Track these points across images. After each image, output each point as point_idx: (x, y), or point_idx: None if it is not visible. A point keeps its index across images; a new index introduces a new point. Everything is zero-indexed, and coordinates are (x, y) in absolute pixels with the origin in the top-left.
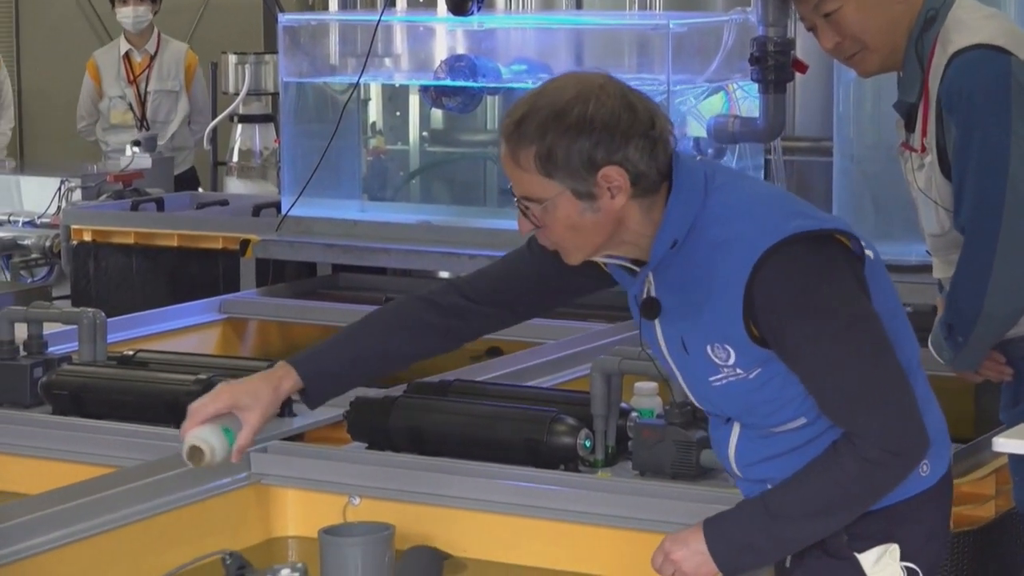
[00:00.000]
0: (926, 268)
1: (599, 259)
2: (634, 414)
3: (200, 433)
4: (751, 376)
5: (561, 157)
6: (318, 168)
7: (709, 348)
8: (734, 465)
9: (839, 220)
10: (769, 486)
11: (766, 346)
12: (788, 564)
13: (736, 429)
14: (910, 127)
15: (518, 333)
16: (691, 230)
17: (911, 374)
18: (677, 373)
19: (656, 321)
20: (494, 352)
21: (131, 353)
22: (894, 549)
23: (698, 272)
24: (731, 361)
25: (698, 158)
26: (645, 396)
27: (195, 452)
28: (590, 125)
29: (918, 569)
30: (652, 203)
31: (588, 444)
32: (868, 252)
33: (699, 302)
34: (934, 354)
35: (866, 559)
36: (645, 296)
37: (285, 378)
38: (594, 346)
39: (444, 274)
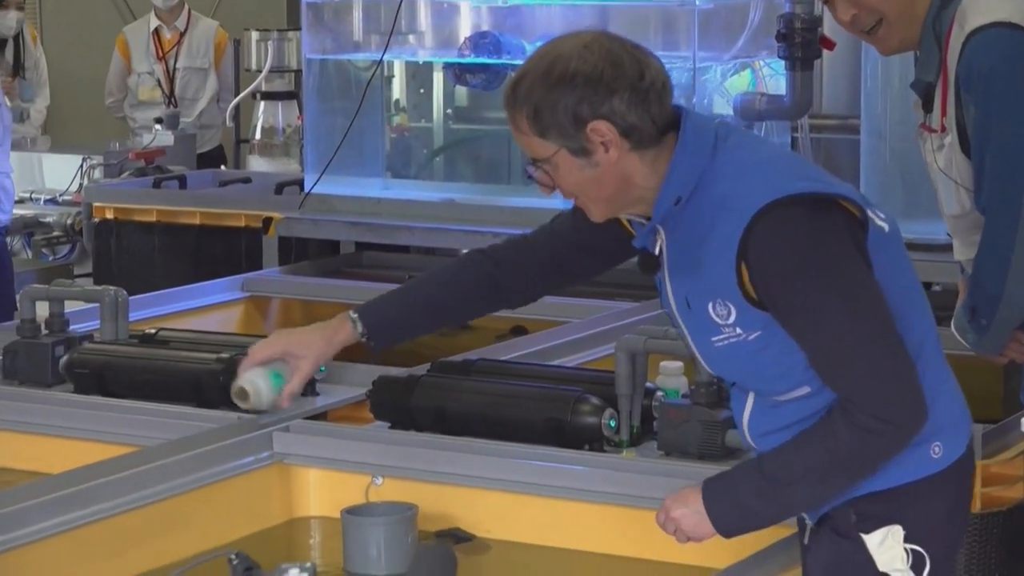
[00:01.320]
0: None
1: (624, 218)
2: (659, 393)
3: (250, 375)
4: (751, 338)
5: (548, 116)
6: (341, 146)
7: (711, 306)
8: (748, 436)
9: (848, 187)
10: None
11: (764, 308)
12: (807, 541)
13: (750, 399)
14: (928, 107)
15: (542, 312)
16: (697, 187)
17: (924, 353)
18: (686, 333)
19: (667, 279)
20: (518, 331)
21: (153, 331)
22: (896, 531)
23: (702, 229)
24: (731, 320)
25: (716, 120)
26: (671, 375)
27: (242, 392)
28: (572, 81)
29: (925, 553)
30: (656, 156)
31: (613, 424)
32: (882, 224)
33: (701, 259)
34: (958, 337)
35: (871, 540)
36: (651, 252)
37: (340, 329)
38: (619, 325)
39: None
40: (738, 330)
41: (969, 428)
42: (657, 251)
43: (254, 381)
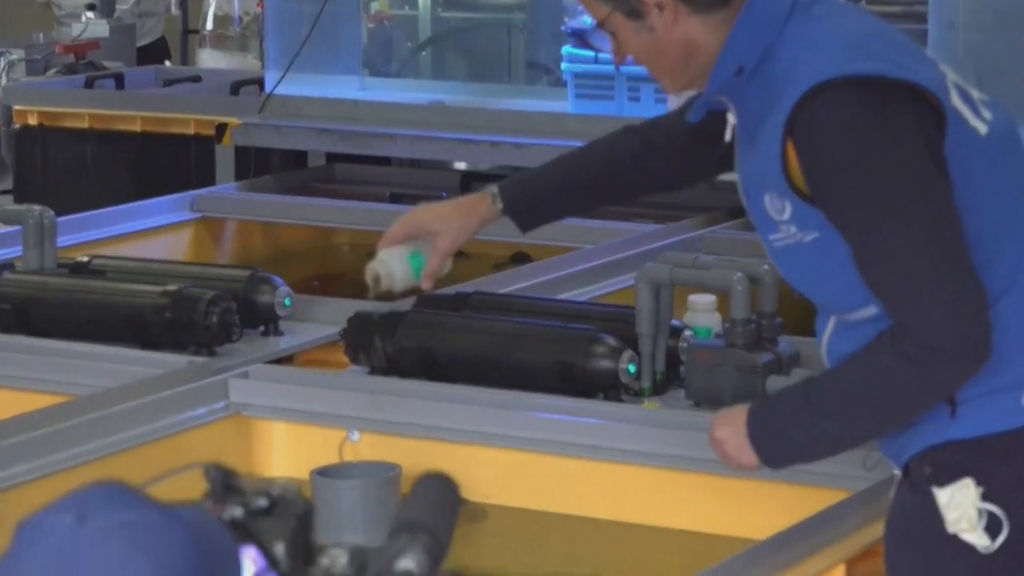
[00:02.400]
0: None
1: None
2: (687, 333)
3: (384, 256)
4: (807, 240)
5: None
6: (309, 37)
7: (767, 198)
8: (827, 361)
9: (934, 76)
10: None
11: (816, 205)
12: (892, 494)
13: (832, 320)
14: None
15: (548, 236)
16: (765, 58)
17: (1018, 277)
18: (756, 229)
19: (737, 162)
20: (520, 259)
21: (86, 259)
22: (966, 484)
23: (767, 105)
24: (786, 216)
25: None
26: (701, 311)
27: (375, 276)
28: None
29: (1004, 516)
30: (723, 21)
31: (632, 369)
32: (978, 125)
33: (761, 140)
34: None
35: (943, 496)
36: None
37: (480, 203)
38: (640, 251)
39: (460, 165)
40: (793, 229)
41: None
42: (728, 130)
43: (386, 262)
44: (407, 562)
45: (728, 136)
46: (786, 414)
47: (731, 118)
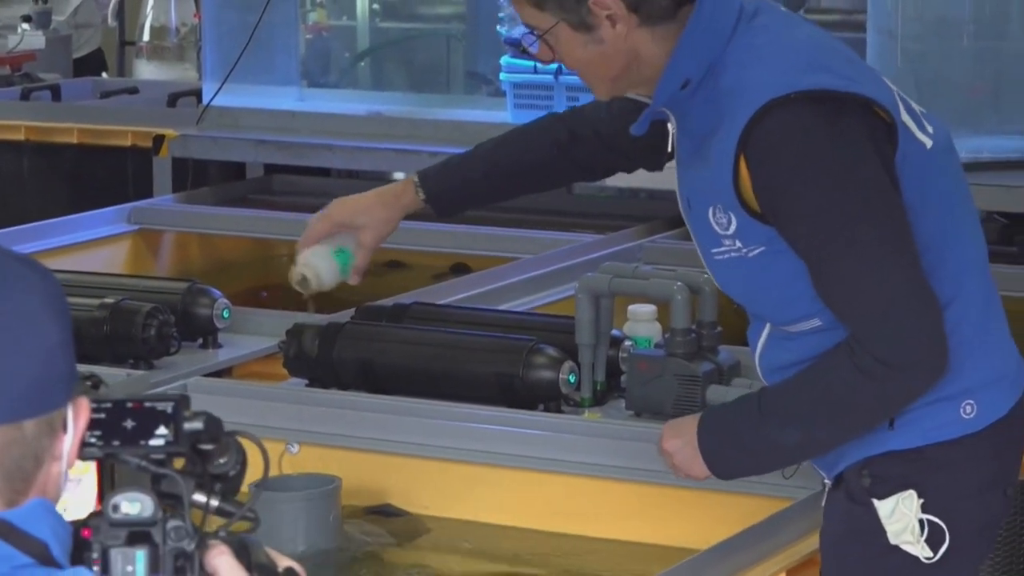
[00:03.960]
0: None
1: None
2: (628, 343)
3: (308, 257)
4: (751, 255)
5: None
6: (247, 48)
7: (711, 211)
8: (759, 369)
9: (881, 88)
10: None
11: (766, 221)
12: (823, 503)
13: (767, 329)
14: None
15: (487, 246)
16: (711, 71)
17: (964, 293)
18: (695, 242)
19: (677, 174)
20: (459, 269)
21: None
22: (908, 496)
23: (712, 120)
24: (731, 230)
25: None
26: (641, 321)
27: (302, 279)
28: None
29: (945, 527)
30: (670, 33)
31: (573, 379)
32: (924, 139)
33: (706, 155)
34: None
35: (884, 507)
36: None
37: (403, 193)
38: (580, 261)
39: (399, 175)
40: (738, 243)
41: (1017, 388)
42: (670, 140)
43: (311, 264)
44: None
45: (669, 147)
46: (738, 425)
47: (672, 128)
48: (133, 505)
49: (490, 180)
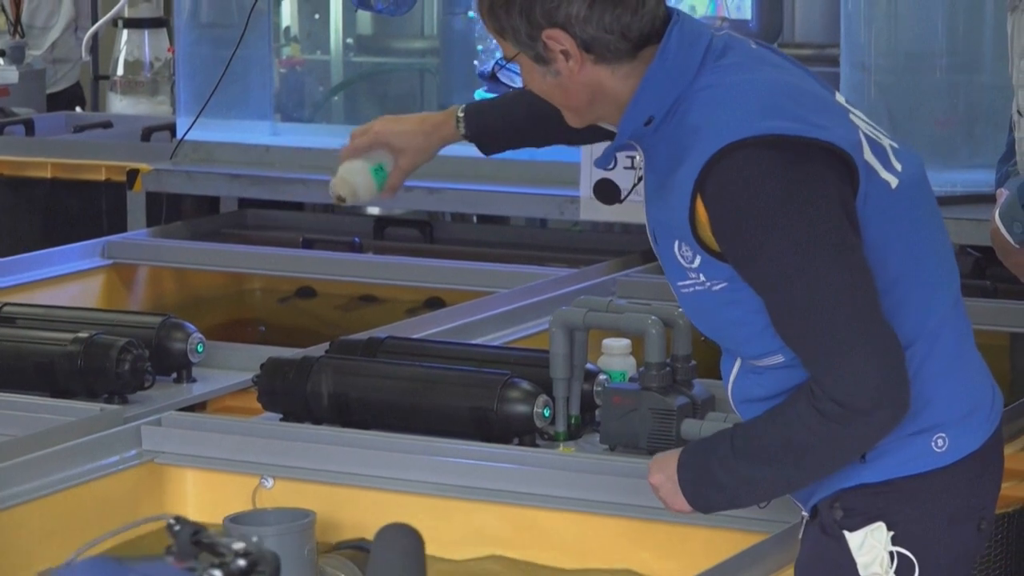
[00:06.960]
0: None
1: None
2: (602, 377)
3: (345, 172)
4: (715, 289)
5: (503, 15)
6: (220, 83)
7: (676, 246)
8: (731, 401)
9: (843, 132)
10: None
11: (725, 260)
12: (800, 535)
13: (738, 362)
14: None
15: (461, 281)
16: (676, 110)
17: (929, 329)
18: (665, 274)
19: (645, 207)
20: (433, 303)
21: None
22: (878, 528)
23: (676, 157)
24: (696, 264)
25: (721, 30)
26: (616, 355)
27: (341, 193)
28: None
29: (915, 560)
30: (632, 71)
31: (547, 413)
32: (888, 178)
33: (671, 191)
34: (1003, 231)
35: (854, 540)
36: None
37: (443, 125)
38: (554, 295)
39: (373, 210)
40: (702, 277)
41: (991, 422)
42: (636, 173)
43: (348, 179)
44: None
45: (636, 180)
46: (712, 463)
47: (639, 159)
48: None
49: (533, 121)
